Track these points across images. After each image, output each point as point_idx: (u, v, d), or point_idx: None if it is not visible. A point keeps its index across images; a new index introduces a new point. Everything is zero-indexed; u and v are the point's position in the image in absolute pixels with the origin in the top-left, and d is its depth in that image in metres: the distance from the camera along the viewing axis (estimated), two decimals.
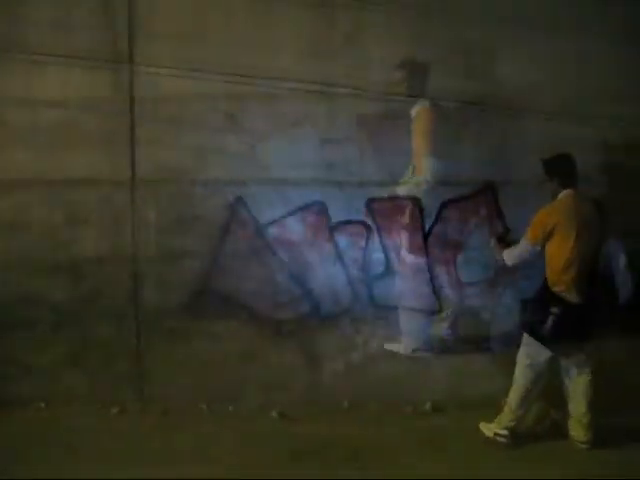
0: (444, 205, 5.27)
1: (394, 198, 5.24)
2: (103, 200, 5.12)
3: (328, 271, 5.24)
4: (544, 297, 4.54)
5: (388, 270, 5.30)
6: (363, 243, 5.23)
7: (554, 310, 4.43)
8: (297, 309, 5.24)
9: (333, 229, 5.23)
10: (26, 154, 5.08)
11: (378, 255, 5.26)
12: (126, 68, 5.07)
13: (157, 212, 5.13)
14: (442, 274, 5.32)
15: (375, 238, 5.24)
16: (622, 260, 4.56)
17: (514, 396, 4.61)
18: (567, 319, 4.40)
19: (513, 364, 4.62)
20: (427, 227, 5.27)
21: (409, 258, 5.25)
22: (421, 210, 5.25)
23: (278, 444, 4.61)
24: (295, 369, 5.20)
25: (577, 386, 4.57)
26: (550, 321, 4.42)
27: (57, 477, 4.10)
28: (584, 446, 4.52)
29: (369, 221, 5.23)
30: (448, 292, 5.34)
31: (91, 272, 5.15)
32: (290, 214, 5.19)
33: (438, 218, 5.27)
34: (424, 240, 5.26)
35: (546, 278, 4.54)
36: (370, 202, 5.22)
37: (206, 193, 5.13)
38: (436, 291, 5.33)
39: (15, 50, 4.98)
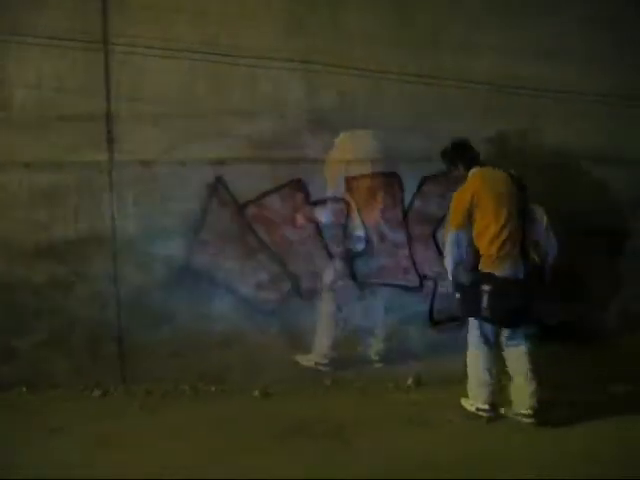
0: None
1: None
2: (82, 181, 5.08)
3: (309, 249, 5.24)
4: (475, 277, 4.45)
5: (368, 247, 5.31)
6: (343, 220, 5.24)
7: (485, 288, 4.35)
8: (279, 288, 5.22)
9: (313, 206, 5.24)
10: (3, 136, 5.03)
11: (358, 232, 5.26)
12: (102, 48, 5.02)
13: (136, 192, 5.10)
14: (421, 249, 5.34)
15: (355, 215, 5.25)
16: (544, 223, 4.49)
17: (471, 377, 4.59)
18: (501, 293, 4.32)
19: None
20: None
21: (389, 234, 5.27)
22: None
23: (261, 423, 4.60)
24: (277, 348, 5.19)
25: (516, 358, 4.50)
26: (485, 299, 4.34)
27: (40, 461, 4.08)
28: (528, 420, 4.42)
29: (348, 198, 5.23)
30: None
31: (71, 254, 5.12)
32: (270, 192, 5.18)
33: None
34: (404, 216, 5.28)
35: (474, 258, 4.47)
36: (349, 179, 5.22)
37: (185, 173, 5.10)
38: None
39: None
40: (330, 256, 5.27)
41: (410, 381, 5.22)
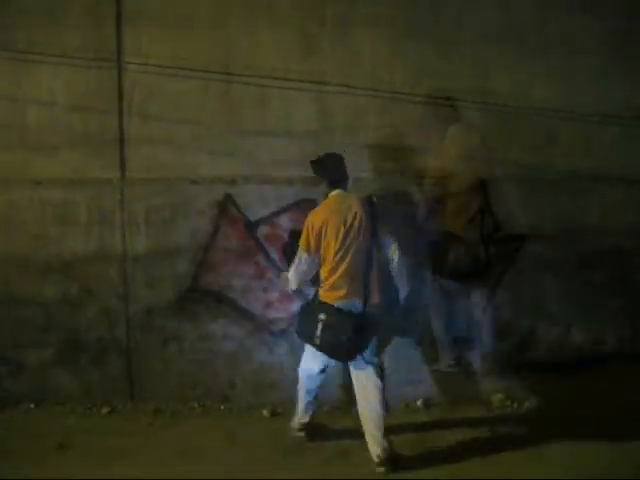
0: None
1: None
2: (93, 199, 5.10)
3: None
4: (314, 303, 4.35)
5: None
6: None
7: (321, 317, 4.20)
8: (288, 307, 5.22)
9: None
10: (15, 153, 5.06)
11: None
12: (115, 67, 5.05)
13: (146, 210, 5.11)
14: None
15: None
16: (395, 259, 4.32)
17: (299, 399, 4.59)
18: (331, 325, 4.16)
19: None
20: None
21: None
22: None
23: (270, 442, 4.62)
24: (286, 367, 5.17)
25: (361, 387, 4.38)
26: (319, 328, 4.19)
27: (47, 477, 4.09)
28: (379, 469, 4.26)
29: None
30: None
31: (81, 271, 5.13)
32: (281, 212, 5.18)
33: None
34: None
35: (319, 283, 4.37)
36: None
37: (196, 191, 5.12)
38: None
39: (3, 48, 4.97)
40: None
41: (420, 402, 5.23)
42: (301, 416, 4.61)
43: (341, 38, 5.18)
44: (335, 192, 4.39)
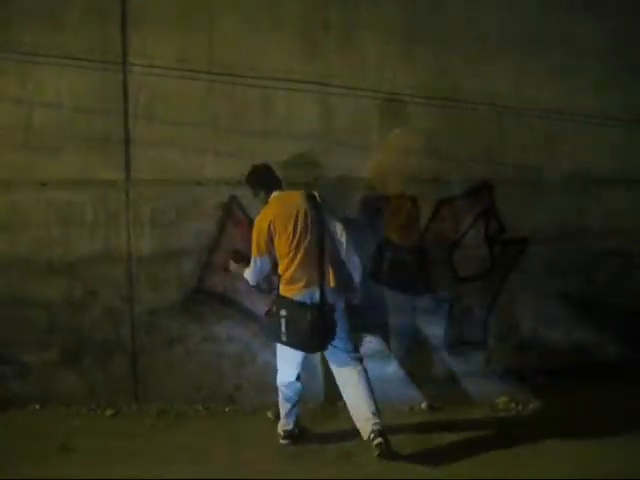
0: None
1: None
2: (98, 200, 5.11)
3: None
4: (275, 300, 4.43)
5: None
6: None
7: (283, 313, 4.29)
8: None
9: None
10: (20, 155, 5.08)
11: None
12: (120, 68, 5.07)
13: (151, 211, 5.12)
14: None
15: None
16: (344, 242, 4.43)
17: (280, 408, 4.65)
18: (294, 318, 4.26)
19: None
20: None
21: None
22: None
23: (274, 444, 4.62)
24: None
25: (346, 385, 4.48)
26: (283, 324, 4.28)
27: (47, 478, 4.09)
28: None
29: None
30: None
31: (86, 272, 5.13)
32: None
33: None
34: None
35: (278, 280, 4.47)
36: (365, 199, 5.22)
37: (201, 192, 5.13)
38: None
39: (8, 50, 4.98)
40: None
41: (424, 405, 5.24)
42: (285, 423, 4.64)
43: (345, 40, 5.18)
44: (274, 194, 4.53)
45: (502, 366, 5.37)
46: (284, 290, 4.39)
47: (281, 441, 4.63)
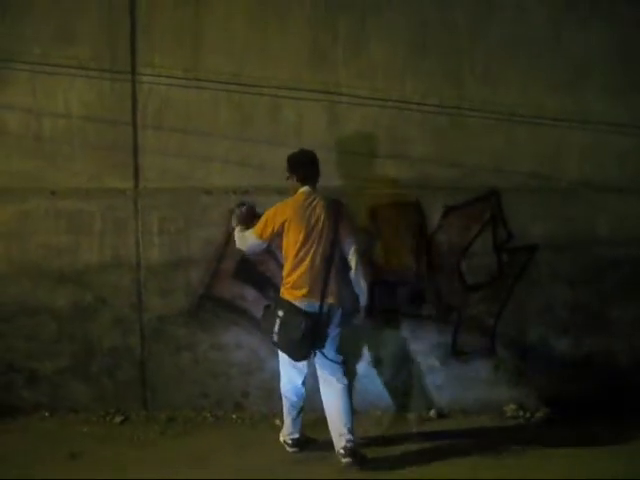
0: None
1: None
2: (107, 209, 5.15)
3: None
4: (275, 300, 4.45)
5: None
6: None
7: (279, 313, 4.29)
8: None
9: None
10: (30, 164, 5.13)
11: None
12: (129, 78, 5.10)
13: (160, 220, 5.15)
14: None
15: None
16: (354, 266, 4.41)
17: (285, 416, 4.65)
18: (288, 323, 4.25)
19: None
20: None
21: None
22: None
23: (281, 452, 4.64)
24: None
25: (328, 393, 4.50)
26: (277, 324, 4.29)
27: None
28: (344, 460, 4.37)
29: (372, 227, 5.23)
30: None
31: (95, 280, 5.17)
32: None
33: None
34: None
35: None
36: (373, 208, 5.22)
37: (209, 201, 5.15)
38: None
39: (19, 60, 5.03)
40: None
41: (433, 412, 5.24)
42: (292, 431, 4.64)
43: (353, 50, 5.20)
44: (303, 189, 4.49)
45: (510, 374, 5.35)
46: (285, 292, 4.40)
47: (289, 449, 4.64)
